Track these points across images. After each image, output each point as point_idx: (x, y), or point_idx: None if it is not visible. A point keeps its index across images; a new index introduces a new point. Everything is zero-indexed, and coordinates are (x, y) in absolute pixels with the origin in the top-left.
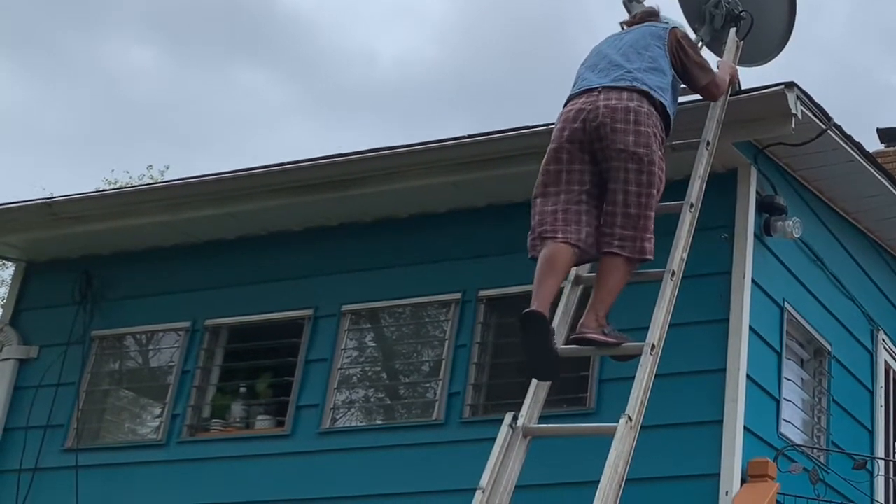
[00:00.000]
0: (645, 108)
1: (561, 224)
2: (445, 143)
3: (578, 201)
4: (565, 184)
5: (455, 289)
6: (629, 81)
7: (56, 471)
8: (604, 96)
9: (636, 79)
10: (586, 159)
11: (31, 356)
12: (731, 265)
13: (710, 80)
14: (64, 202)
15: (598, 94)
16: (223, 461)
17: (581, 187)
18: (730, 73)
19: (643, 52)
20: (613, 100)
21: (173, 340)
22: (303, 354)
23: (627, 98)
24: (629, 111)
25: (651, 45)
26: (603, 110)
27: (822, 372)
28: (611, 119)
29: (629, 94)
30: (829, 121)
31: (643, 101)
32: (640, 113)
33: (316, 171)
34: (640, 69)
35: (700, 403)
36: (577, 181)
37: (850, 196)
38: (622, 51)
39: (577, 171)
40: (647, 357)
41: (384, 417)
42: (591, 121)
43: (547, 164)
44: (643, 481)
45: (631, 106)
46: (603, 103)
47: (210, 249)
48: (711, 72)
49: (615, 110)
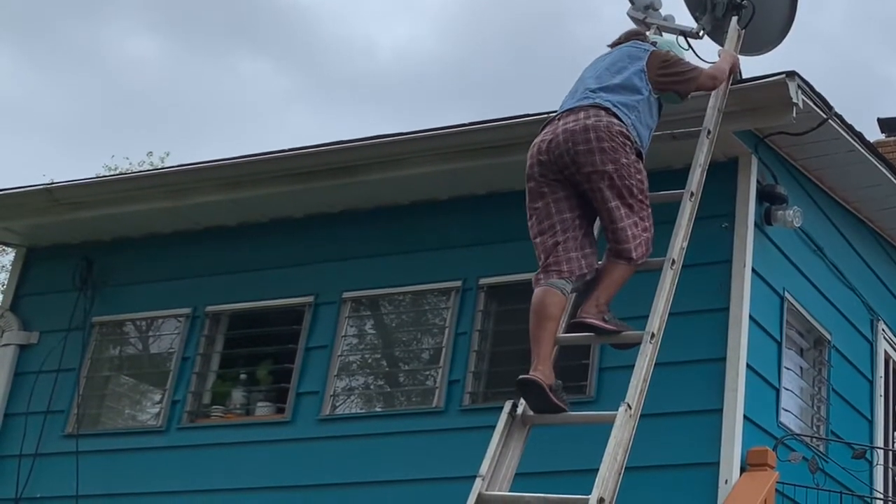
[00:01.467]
0: (604, 122)
1: (563, 254)
2: (447, 130)
3: (575, 227)
4: (557, 214)
5: (455, 276)
6: (591, 99)
7: (56, 456)
8: (563, 122)
9: (598, 96)
10: (567, 185)
11: (32, 342)
12: (731, 254)
13: (700, 81)
14: (64, 188)
15: (558, 120)
16: (223, 448)
17: (572, 213)
18: (730, 63)
19: (616, 73)
20: (571, 123)
21: (174, 327)
22: (303, 341)
23: (584, 117)
24: (587, 130)
25: (626, 67)
26: (562, 136)
27: (822, 361)
28: (572, 143)
29: (586, 111)
30: (830, 110)
31: (600, 115)
32: (598, 128)
33: (317, 158)
34: (607, 88)
35: (700, 392)
36: (566, 208)
37: (850, 185)
38: (597, 73)
39: (563, 198)
40: (646, 345)
41: (384, 405)
42: (553, 150)
43: (532, 203)
44: (643, 469)
45: (588, 124)
46: (562, 129)
47: (211, 236)
48: (699, 69)
49: (574, 133)
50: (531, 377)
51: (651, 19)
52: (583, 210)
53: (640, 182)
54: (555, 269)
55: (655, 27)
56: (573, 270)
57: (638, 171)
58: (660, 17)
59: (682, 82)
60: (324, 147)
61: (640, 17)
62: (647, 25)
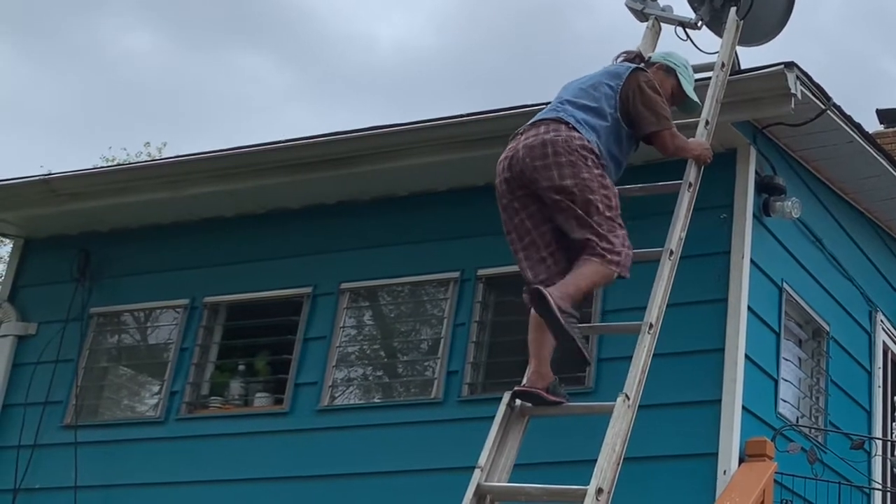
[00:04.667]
0: (562, 136)
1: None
2: (444, 121)
3: (551, 240)
4: (534, 229)
5: (454, 267)
6: (555, 113)
7: (55, 447)
8: (524, 137)
9: (563, 110)
10: (536, 199)
11: (30, 333)
12: (729, 245)
13: (665, 128)
14: (62, 179)
15: (521, 135)
16: (222, 438)
17: (546, 225)
18: (698, 150)
19: (590, 90)
20: (531, 138)
21: (172, 318)
22: (301, 332)
23: (543, 132)
24: (545, 144)
25: (601, 84)
26: (522, 152)
27: (821, 352)
28: (530, 159)
29: (546, 125)
30: (829, 101)
31: (560, 129)
32: (556, 143)
33: (315, 149)
34: (576, 104)
35: (698, 383)
36: (539, 221)
37: (849, 176)
38: (572, 89)
39: (536, 212)
40: (645, 336)
41: (383, 395)
42: (514, 167)
43: (509, 220)
44: (641, 460)
45: (546, 139)
46: (522, 144)
47: (209, 227)
48: (668, 121)
49: (532, 148)
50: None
51: (649, 10)
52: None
53: (606, 198)
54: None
55: (654, 17)
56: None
57: (603, 185)
58: (658, 7)
59: (650, 110)
60: (321, 138)
61: (639, 7)
62: (646, 16)
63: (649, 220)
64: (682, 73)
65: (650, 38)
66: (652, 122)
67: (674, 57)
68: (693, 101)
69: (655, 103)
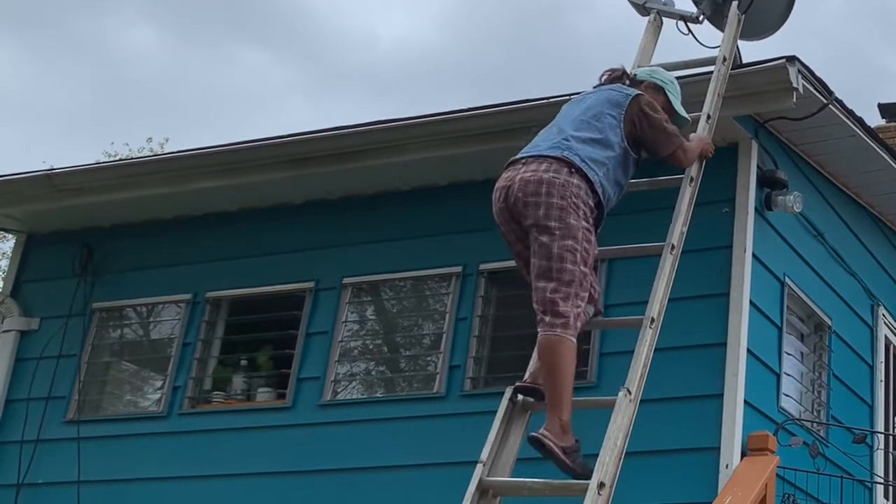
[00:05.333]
0: (561, 180)
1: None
2: (446, 116)
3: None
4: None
5: (456, 262)
6: (559, 150)
7: (58, 442)
8: (524, 169)
9: (568, 147)
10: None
11: (32, 328)
12: (731, 239)
13: (677, 146)
14: (64, 174)
15: (522, 165)
16: (224, 433)
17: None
18: (700, 148)
19: (593, 121)
20: (529, 172)
21: (174, 313)
22: (304, 327)
23: (544, 170)
24: (541, 183)
25: (604, 115)
26: (518, 185)
27: (823, 346)
28: (523, 194)
29: (549, 163)
30: (831, 95)
31: (561, 172)
32: (553, 184)
33: (316, 144)
34: (580, 139)
35: (700, 377)
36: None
37: (851, 171)
38: (573, 118)
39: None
40: (646, 330)
41: (385, 390)
42: (510, 198)
43: (511, 247)
44: (643, 454)
45: (545, 178)
46: (520, 177)
47: (211, 222)
48: (678, 138)
49: (527, 183)
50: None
51: (651, 4)
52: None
53: (586, 252)
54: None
55: (655, 12)
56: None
57: (586, 238)
58: (659, 2)
59: (662, 133)
60: (323, 133)
61: (640, 1)
62: (647, 10)
63: (650, 214)
64: (670, 90)
65: (651, 33)
66: (665, 143)
67: (660, 74)
68: (682, 118)
69: (662, 125)
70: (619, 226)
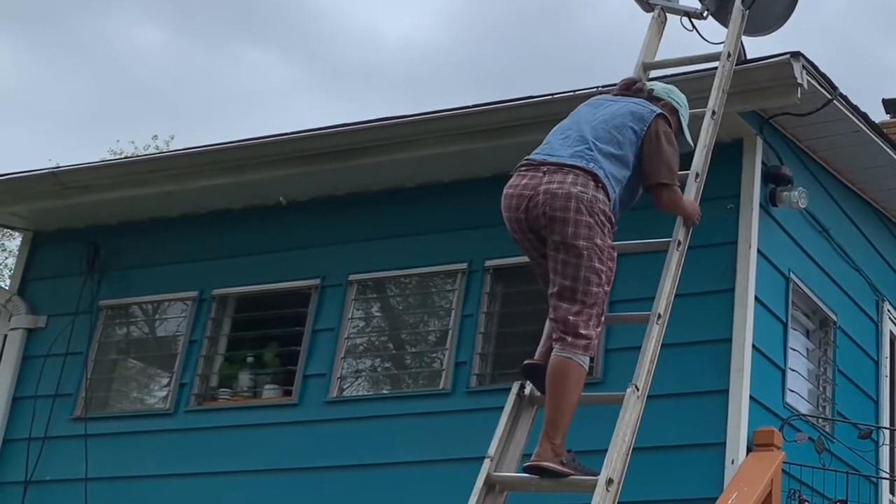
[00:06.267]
0: (589, 195)
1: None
2: (451, 112)
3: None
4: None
5: (461, 258)
6: (585, 161)
7: (65, 440)
8: (547, 178)
9: (593, 159)
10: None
11: (39, 326)
12: (736, 235)
13: (672, 185)
14: (70, 172)
15: (543, 173)
16: (231, 430)
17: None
18: (689, 210)
19: (615, 132)
20: (555, 183)
21: (180, 310)
22: (310, 324)
23: (571, 182)
24: (569, 198)
25: (626, 128)
26: (542, 197)
27: (828, 342)
28: (550, 207)
29: (575, 175)
30: (835, 91)
31: (588, 186)
32: (581, 200)
33: (322, 141)
34: (603, 152)
35: (706, 373)
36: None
37: (855, 166)
38: (594, 124)
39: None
40: (653, 326)
41: (391, 387)
42: (532, 209)
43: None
44: (650, 450)
45: (573, 192)
46: (544, 187)
47: (217, 219)
48: (676, 178)
49: (555, 196)
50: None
51: (655, 0)
52: None
53: (610, 270)
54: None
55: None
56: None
57: (611, 258)
58: None
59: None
60: (329, 130)
61: None
62: (651, 6)
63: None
64: (683, 113)
65: (655, 29)
66: (666, 175)
67: (676, 94)
68: (686, 141)
69: (672, 158)
70: (626, 221)
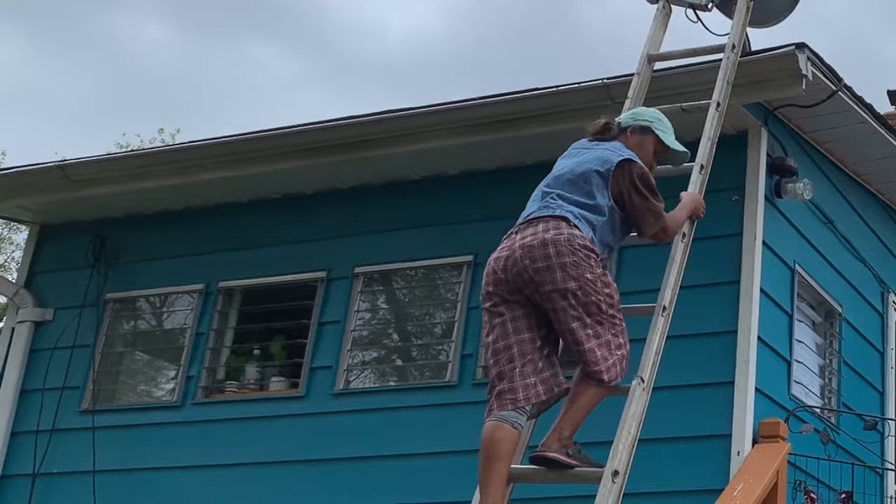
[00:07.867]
0: (564, 235)
1: (519, 381)
2: (457, 104)
3: (535, 349)
4: (514, 334)
5: (467, 251)
6: (551, 210)
7: (73, 432)
8: (520, 235)
9: (559, 206)
10: (527, 304)
11: (47, 319)
12: (741, 227)
13: (661, 227)
14: (77, 165)
15: (516, 233)
16: (238, 422)
17: (532, 333)
18: (690, 208)
19: (580, 182)
20: (529, 237)
21: (187, 303)
22: (316, 316)
23: (543, 230)
24: (546, 244)
25: (591, 174)
26: (519, 253)
27: (833, 334)
28: (530, 260)
29: (545, 223)
30: (840, 82)
31: (560, 227)
32: (558, 242)
33: (328, 133)
34: (570, 200)
35: (712, 365)
36: (525, 328)
37: (860, 158)
38: (563, 177)
39: (521, 317)
40: (658, 318)
41: (397, 379)
42: (511, 268)
43: (490, 321)
44: (656, 441)
45: (547, 238)
46: (519, 244)
47: (223, 212)
48: (663, 218)
49: (531, 248)
50: None
51: None
52: (546, 329)
53: (609, 297)
54: (509, 398)
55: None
56: (529, 398)
57: (606, 284)
58: None
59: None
60: (334, 122)
61: None
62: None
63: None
64: (657, 126)
65: (660, 21)
66: (652, 223)
67: (643, 114)
68: (680, 151)
69: (648, 204)
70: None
